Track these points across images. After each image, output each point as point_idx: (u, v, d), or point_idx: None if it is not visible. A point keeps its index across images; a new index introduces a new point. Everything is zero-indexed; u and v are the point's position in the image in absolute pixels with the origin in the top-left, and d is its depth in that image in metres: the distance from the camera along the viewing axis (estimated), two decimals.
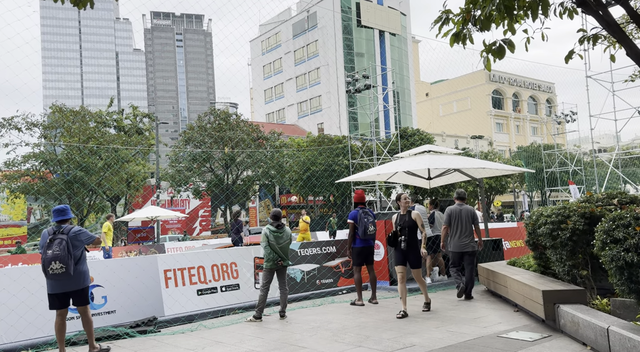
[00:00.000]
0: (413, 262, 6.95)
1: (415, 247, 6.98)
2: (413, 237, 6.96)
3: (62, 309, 5.46)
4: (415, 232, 6.97)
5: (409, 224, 6.97)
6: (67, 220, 5.61)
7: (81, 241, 5.48)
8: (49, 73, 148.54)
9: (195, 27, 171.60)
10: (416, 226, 7.00)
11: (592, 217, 5.44)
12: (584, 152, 49.12)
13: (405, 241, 6.92)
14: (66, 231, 5.42)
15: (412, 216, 7.00)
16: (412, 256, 6.95)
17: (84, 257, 5.57)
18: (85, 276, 5.53)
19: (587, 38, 5.73)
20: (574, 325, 4.90)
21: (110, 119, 34.74)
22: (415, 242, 6.99)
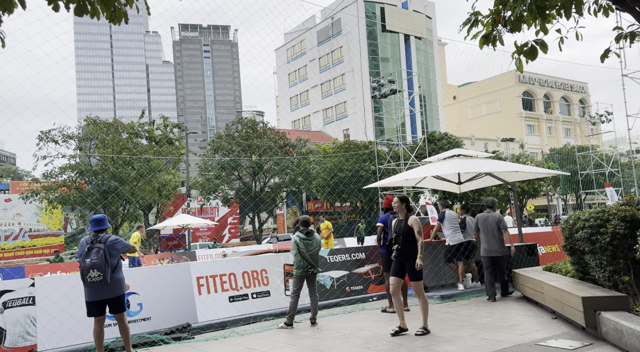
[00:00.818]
0: (411, 273, 6.16)
1: (411, 256, 6.16)
2: (408, 245, 6.19)
3: (99, 316, 5.61)
4: (412, 239, 6.19)
5: (404, 231, 6.22)
6: (104, 229, 5.77)
7: (117, 249, 5.63)
8: (83, 87, 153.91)
9: (222, 38, 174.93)
10: (412, 232, 6.20)
11: (633, 221, 5.23)
12: (621, 153, 47.44)
13: (398, 250, 6.16)
14: (103, 240, 5.57)
15: (409, 222, 6.23)
16: (408, 267, 6.16)
17: (120, 266, 5.71)
18: (121, 283, 5.67)
19: (624, 36, 5.56)
20: (617, 333, 4.71)
21: (142, 130, 35.64)
22: (412, 251, 6.18)
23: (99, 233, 5.70)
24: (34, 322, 6.23)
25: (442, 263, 9.74)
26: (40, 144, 29.92)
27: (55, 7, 3.43)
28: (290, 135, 39.61)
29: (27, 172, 76.73)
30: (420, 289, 6.19)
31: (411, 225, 6.22)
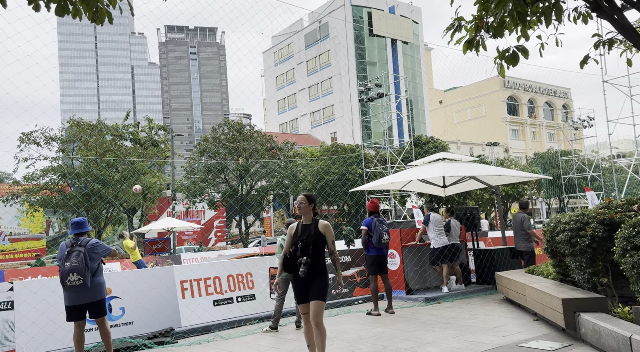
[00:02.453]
0: (314, 291, 4.68)
1: (320, 273, 4.73)
2: (319, 259, 4.76)
3: (79, 321, 5.52)
4: (321, 249, 4.81)
5: (313, 239, 4.76)
6: (84, 233, 5.70)
7: (98, 253, 5.56)
8: (67, 88, 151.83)
9: (209, 40, 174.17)
10: (324, 242, 4.82)
11: (611, 224, 5.34)
12: (603, 157, 48.31)
13: (307, 264, 4.64)
14: (83, 243, 5.50)
15: (320, 228, 4.80)
16: (315, 285, 4.69)
17: (100, 269, 5.64)
18: (102, 287, 5.60)
19: (603, 43, 5.69)
20: (595, 334, 4.80)
21: (127, 132, 35.28)
22: (321, 266, 4.75)
23: (80, 236, 5.62)
24: (12, 327, 6.12)
25: (426, 266, 9.81)
26: (21, 146, 29.43)
27: (35, 7, 3.39)
28: (277, 138, 39.54)
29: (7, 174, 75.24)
30: (320, 314, 4.64)
31: (323, 232, 4.80)
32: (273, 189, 37.76)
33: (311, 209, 4.97)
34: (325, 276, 4.78)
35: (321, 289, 4.72)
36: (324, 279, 4.76)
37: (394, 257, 9.49)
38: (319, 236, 4.81)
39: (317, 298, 4.66)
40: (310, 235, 4.80)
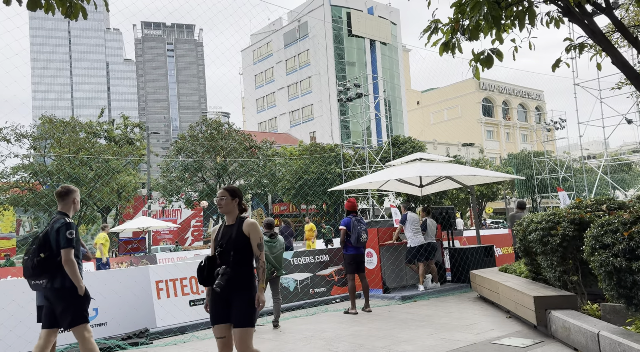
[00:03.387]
0: (237, 314, 3.69)
1: (244, 287, 3.75)
2: (242, 266, 3.79)
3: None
4: (246, 256, 3.83)
5: (235, 243, 3.82)
6: None
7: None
8: (39, 84, 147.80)
9: (187, 37, 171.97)
10: (248, 246, 3.85)
11: (581, 223, 5.50)
12: (574, 158, 49.66)
13: (225, 275, 3.71)
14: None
15: (244, 228, 3.86)
16: (238, 304, 3.71)
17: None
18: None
19: (574, 47, 5.85)
20: (565, 330, 4.94)
21: (101, 129, 34.59)
22: (246, 277, 3.78)
23: None
24: None
25: (403, 264, 9.92)
26: None
27: (6, 1, 3.30)
28: (256, 137, 39.36)
29: None
30: (246, 342, 3.67)
31: (247, 234, 3.84)
32: (251, 188, 37.56)
33: (235, 205, 3.95)
34: (251, 291, 3.75)
35: (246, 309, 3.68)
36: (249, 295, 3.73)
37: (371, 256, 9.57)
38: (242, 239, 3.81)
39: (242, 324, 3.65)
40: (231, 238, 3.82)
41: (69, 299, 4.40)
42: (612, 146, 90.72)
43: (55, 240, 4.40)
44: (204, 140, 35.19)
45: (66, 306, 4.39)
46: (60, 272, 4.39)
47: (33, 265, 4.33)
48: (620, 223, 4.44)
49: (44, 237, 4.41)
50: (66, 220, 4.47)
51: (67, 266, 4.35)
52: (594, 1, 5.41)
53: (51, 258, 4.38)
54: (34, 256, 4.35)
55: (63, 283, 4.38)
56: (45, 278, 4.38)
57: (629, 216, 4.45)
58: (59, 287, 4.39)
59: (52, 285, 4.40)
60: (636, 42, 5.40)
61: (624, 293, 4.32)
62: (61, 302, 4.40)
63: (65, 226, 4.41)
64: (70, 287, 4.40)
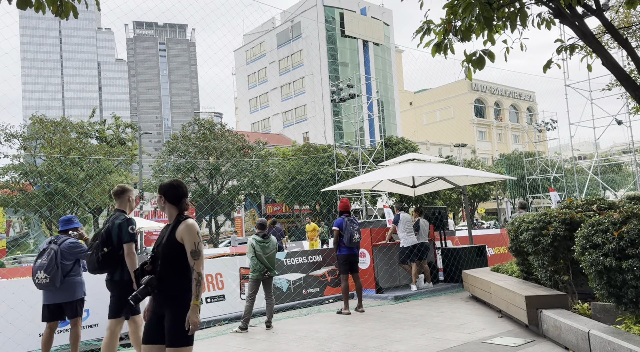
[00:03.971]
0: (167, 333, 3.17)
1: (175, 301, 3.19)
2: (171, 278, 3.23)
3: (52, 322, 5.39)
4: (177, 265, 3.25)
5: (164, 250, 3.28)
6: (66, 230, 5.58)
7: (73, 253, 5.41)
8: (29, 83, 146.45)
9: (179, 37, 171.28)
10: (181, 253, 3.26)
11: (572, 223, 5.54)
12: (565, 159, 50.07)
13: (148, 287, 3.21)
14: (59, 241, 5.41)
15: (178, 232, 3.28)
16: (170, 320, 3.17)
17: (76, 269, 5.47)
18: (76, 287, 5.44)
19: (565, 48, 5.89)
20: (556, 329, 4.98)
21: (92, 129, 34.34)
22: (175, 289, 3.21)
23: (63, 234, 5.54)
24: None
25: (396, 264, 9.94)
26: None
27: None
28: (249, 138, 39.27)
29: None
30: None
31: (180, 239, 3.24)
32: (244, 189, 37.47)
33: (166, 204, 3.37)
34: (183, 306, 3.15)
35: (179, 326, 3.10)
36: (181, 311, 3.14)
37: (364, 256, 9.58)
38: (172, 246, 3.22)
39: (173, 344, 3.10)
40: (161, 244, 3.27)
41: (120, 292, 4.74)
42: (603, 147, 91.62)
43: (117, 235, 4.74)
44: (197, 141, 35.06)
45: (115, 297, 4.79)
46: (120, 265, 4.77)
47: (98, 259, 4.68)
48: (610, 223, 4.48)
49: (106, 233, 4.76)
50: (126, 216, 4.85)
51: (129, 259, 4.71)
52: (584, 3, 5.46)
53: (113, 252, 4.73)
54: (98, 250, 4.70)
55: (122, 276, 4.75)
56: (107, 271, 4.79)
57: (618, 215, 4.49)
58: (118, 280, 4.78)
59: (112, 277, 4.81)
60: (626, 43, 5.46)
61: (614, 292, 4.36)
62: (113, 293, 4.82)
63: (127, 222, 4.80)
64: (127, 280, 4.73)
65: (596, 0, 5.53)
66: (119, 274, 4.78)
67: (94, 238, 4.91)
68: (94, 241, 4.83)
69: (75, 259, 5.43)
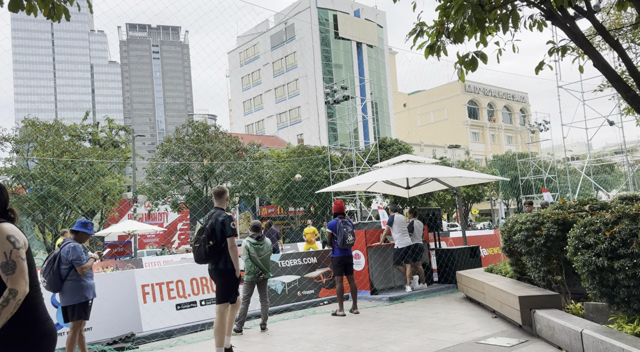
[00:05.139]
0: None
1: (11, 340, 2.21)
2: None
3: (67, 322, 5.56)
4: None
5: None
6: (77, 233, 5.65)
7: (68, 259, 5.42)
8: (21, 86, 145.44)
9: (172, 39, 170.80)
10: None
11: (565, 224, 5.58)
12: (557, 160, 50.37)
13: None
14: (63, 245, 5.51)
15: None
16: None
17: (73, 274, 5.44)
18: (74, 291, 5.44)
19: (556, 49, 5.94)
20: (550, 329, 5.00)
21: (85, 132, 34.13)
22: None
23: (73, 234, 5.67)
24: None
25: (390, 266, 9.96)
26: None
27: None
28: (243, 140, 39.19)
29: None
30: None
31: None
32: (239, 191, 37.38)
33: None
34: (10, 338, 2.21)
35: None
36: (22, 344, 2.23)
37: (359, 257, 9.59)
38: None
39: None
40: None
41: (225, 279, 5.41)
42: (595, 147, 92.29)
43: (220, 230, 5.35)
44: (191, 143, 34.94)
45: (221, 284, 5.43)
46: (223, 256, 5.38)
47: (205, 251, 5.31)
48: (603, 223, 4.51)
49: (211, 229, 5.35)
50: (227, 214, 5.44)
51: (232, 251, 5.36)
52: (575, 5, 5.51)
53: (217, 245, 5.34)
54: (205, 243, 5.32)
55: (225, 265, 5.38)
56: (212, 261, 5.40)
57: (610, 216, 4.53)
58: (222, 268, 5.39)
59: (216, 266, 5.41)
60: (617, 45, 5.51)
61: (607, 292, 4.39)
62: (219, 280, 5.44)
63: (229, 219, 5.41)
64: (230, 268, 5.40)
65: (587, 2, 5.59)
66: (223, 263, 5.38)
67: (199, 232, 5.46)
68: (200, 235, 5.41)
69: (71, 265, 5.41)
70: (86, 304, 5.49)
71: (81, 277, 5.49)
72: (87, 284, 5.52)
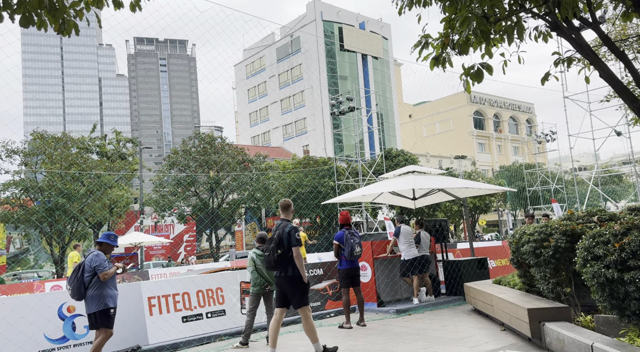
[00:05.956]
0: None
1: None
2: None
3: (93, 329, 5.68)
4: None
5: None
6: (101, 244, 5.81)
7: (91, 266, 5.58)
8: (30, 100, 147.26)
9: (179, 52, 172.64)
10: None
11: (573, 235, 5.53)
12: (565, 170, 50.10)
13: None
14: (87, 254, 5.67)
15: None
16: None
17: (96, 282, 5.57)
18: (94, 300, 5.55)
19: (562, 60, 5.94)
20: (560, 342, 4.93)
21: (93, 144, 34.42)
22: None
23: (98, 245, 5.80)
24: None
25: (397, 277, 9.88)
26: None
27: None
28: (249, 151, 39.36)
29: None
30: None
31: None
32: (245, 202, 37.43)
33: None
34: None
35: None
36: None
37: (365, 269, 9.53)
38: None
39: None
40: None
41: (296, 286, 5.71)
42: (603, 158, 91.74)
43: (287, 240, 5.70)
44: (197, 155, 35.13)
45: (294, 291, 5.72)
46: (290, 264, 5.70)
47: (274, 259, 5.67)
48: (611, 234, 4.47)
49: (278, 238, 5.72)
50: (293, 225, 5.80)
51: (298, 260, 5.68)
52: (581, 16, 5.52)
53: (284, 254, 5.69)
54: (274, 252, 5.68)
55: (293, 273, 5.70)
56: (279, 269, 5.74)
57: (619, 227, 4.48)
58: (291, 276, 5.70)
59: (285, 274, 5.73)
60: (623, 56, 5.51)
61: (617, 304, 4.33)
62: (290, 288, 5.73)
63: (294, 230, 5.75)
64: (298, 276, 5.71)
65: (592, 13, 5.60)
66: (291, 270, 5.70)
67: (268, 242, 5.86)
68: (269, 244, 5.80)
69: (93, 273, 5.54)
70: (107, 312, 5.60)
71: (103, 286, 5.60)
72: (109, 293, 5.64)
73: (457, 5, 4.94)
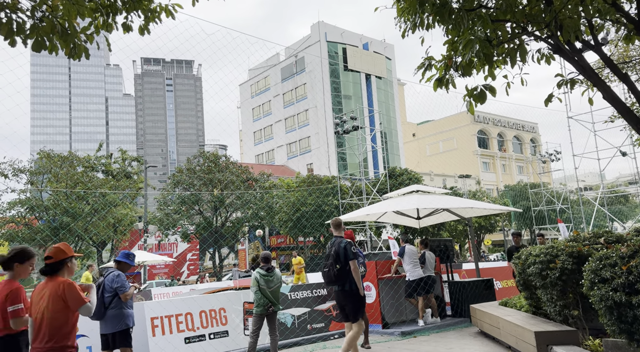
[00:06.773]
0: None
1: None
2: None
3: (105, 350, 5.69)
4: None
5: None
6: (120, 263, 5.88)
7: (112, 287, 5.64)
8: (38, 119, 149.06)
9: (186, 72, 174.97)
10: None
11: (580, 256, 5.48)
12: (570, 190, 49.87)
13: None
14: (107, 274, 5.73)
15: None
16: None
17: (116, 302, 5.63)
18: (115, 320, 5.59)
19: (565, 82, 5.98)
20: None
21: (99, 163, 34.66)
22: None
23: (117, 265, 5.85)
24: None
25: (402, 298, 9.78)
26: None
27: (12, 43, 3.39)
28: (253, 169, 39.47)
29: None
30: None
31: None
32: (249, 221, 37.37)
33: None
34: None
35: None
36: None
37: (370, 290, 9.44)
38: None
39: None
40: None
41: (353, 299, 5.92)
42: (608, 178, 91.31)
43: (344, 255, 5.97)
44: (201, 173, 35.26)
45: (352, 304, 5.94)
46: (348, 278, 5.93)
47: (334, 274, 5.93)
48: (619, 257, 4.43)
49: (335, 254, 5.98)
50: (348, 240, 6.07)
51: (355, 273, 5.90)
52: (583, 38, 5.58)
53: (343, 268, 5.94)
54: (332, 267, 5.96)
55: (350, 287, 5.92)
56: (339, 283, 5.97)
57: (626, 249, 4.45)
58: (348, 290, 5.93)
59: (343, 288, 5.96)
60: (626, 77, 5.54)
61: (625, 328, 4.27)
62: (348, 301, 5.95)
63: (349, 244, 6.04)
64: (355, 289, 5.91)
65: (594, 36, 5.66)
66: (349, 285, 5.91)
67: (326, 258, 6.13)
68: (327, 261, 6.07)
69: (114, 293, 5.59)
70: (127, 331, 5.63)
71: (123, 305, 5.65)
72: (128, 312, 5.69)
73: (460, 28, 5.02)
